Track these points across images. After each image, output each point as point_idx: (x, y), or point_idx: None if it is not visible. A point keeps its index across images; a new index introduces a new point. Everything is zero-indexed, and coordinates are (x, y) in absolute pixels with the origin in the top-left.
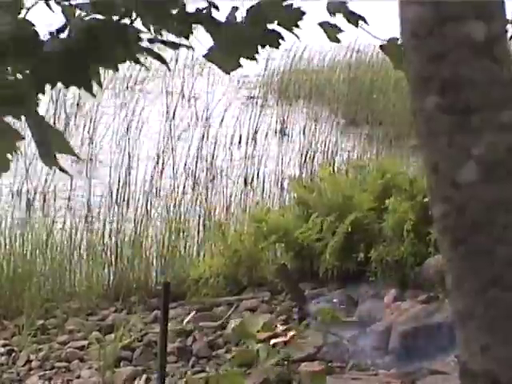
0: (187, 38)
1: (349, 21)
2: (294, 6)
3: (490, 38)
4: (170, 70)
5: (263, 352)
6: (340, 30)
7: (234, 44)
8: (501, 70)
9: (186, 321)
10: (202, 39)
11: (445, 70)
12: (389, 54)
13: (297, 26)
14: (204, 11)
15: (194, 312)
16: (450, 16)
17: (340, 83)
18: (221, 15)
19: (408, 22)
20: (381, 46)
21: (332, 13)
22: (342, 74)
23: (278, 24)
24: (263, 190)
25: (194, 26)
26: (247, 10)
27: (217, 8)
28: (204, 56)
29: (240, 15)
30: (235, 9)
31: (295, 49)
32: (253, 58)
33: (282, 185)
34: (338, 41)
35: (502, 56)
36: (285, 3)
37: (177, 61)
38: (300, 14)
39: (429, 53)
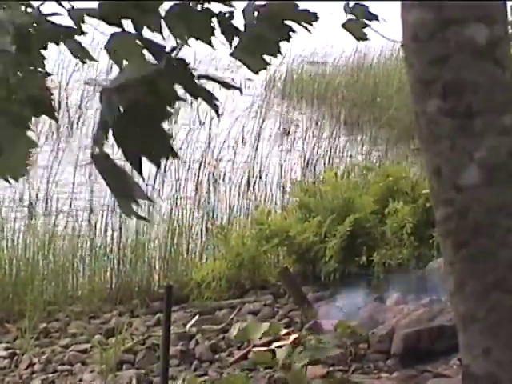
0: (210, 39)
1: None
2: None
3: (492, 41)
4: (218, 116)
5: (282, 352)
6: (365, 25)
7: (255, 43)
8: (503, 73)
9: (189, 325)
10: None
11: (446, 73)
12: (350, 30)
13: (311, 25)
14: (226, 15)
15: (196, 316)
16: (451, 19)
17: (343, 86)
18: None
19: (410, 26)
20: (342, 25)
21: (348, 13)
22: (345, 77)
23: (293, 21)
24: (266, 194)
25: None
26: (261, 6)
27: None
28: (231, 54)
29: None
30: (252, 2)
31: (298, 52)
32: (274, 55)
33: (284, 188)
34: (365, 38)
35: (504, 59)
36: (301, 8)
37: None
38: (314, 18)
39: (430, 56)
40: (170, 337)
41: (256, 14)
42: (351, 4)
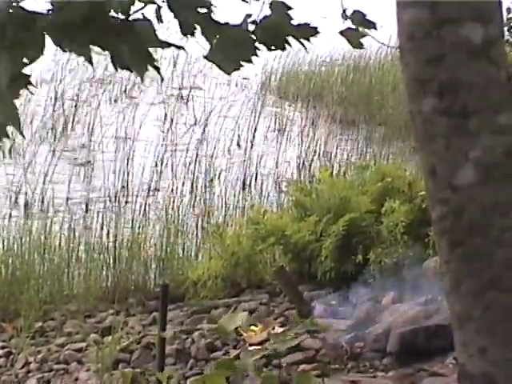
0: (192, 34)
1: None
2: (312, 24)
3: (487, 40)
4: (162, 79)
5: (246, 357)
6: (363, 36)
7: (232, 46)
8: (498, 73)
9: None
10: (201, 41)
11: (442, 72)
12: (347, 38)
13: (308, 41)
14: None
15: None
16: (447, 18)
17: (338, 85)
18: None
19: (405, 25)
20: (340, 32)
21: (345, 19)
22: (341, 76)
23: (293, 36)
24: (261, 192)
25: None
26: (261, 20)
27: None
28: (205, 57)
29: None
30: (248, 16)
31: (294, 51)
32: (249, 61)
33: (280, 187)
34: (361, 46)
35: (499, 58)
36: (301, 22)
37: (175, 64)
38: (314, 32)
39: (426, 55)
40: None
41: (253, 27)
42: (349, 11)
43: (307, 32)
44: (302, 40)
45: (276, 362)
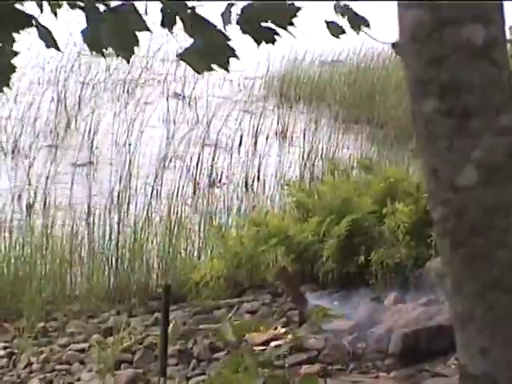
0: (171, 28)
1: (352, 25)
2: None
3: (489, 41)
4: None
5: (248, 358)
6: (343, 32)
7: (209, 48)
8: (499, 73)
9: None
10: (179, 38)
11: (444, 73)
12: (329, 28)
13: (291, 24)
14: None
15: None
16: (448, 20)
17: (341, 86)
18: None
19: (407, 26)
20: (326, 22)
21: (338, 13)
22: (343, 77)
23: (273, 23)
24: (264, 193)
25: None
26: (241, 9)
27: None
28: (178, 55)
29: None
30: (230, 5)
31: (296, 51)
32: (225, 68)
33: (282, 188)
34: (338, 37)
35: (501, 59)
36: (281, 2)
37: (178, 64)
38: (295, 10)
39: (427, 56)
40: (167, 336)
41: (237, 17)
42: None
43: (287, 13)
44: (286, 26)
45: (278, 363)
